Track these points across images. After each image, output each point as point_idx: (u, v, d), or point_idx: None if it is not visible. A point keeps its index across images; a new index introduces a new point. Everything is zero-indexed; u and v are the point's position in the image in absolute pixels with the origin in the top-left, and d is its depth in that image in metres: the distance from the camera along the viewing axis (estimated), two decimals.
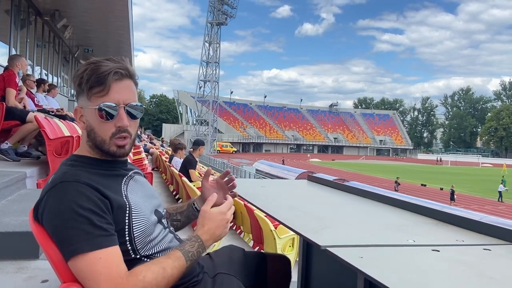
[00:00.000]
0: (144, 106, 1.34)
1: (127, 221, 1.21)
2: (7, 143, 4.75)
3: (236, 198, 5.67)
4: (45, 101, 7.12)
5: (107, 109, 1.22)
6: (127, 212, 1.21)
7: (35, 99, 6.50)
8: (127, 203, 1.22)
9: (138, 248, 1.23)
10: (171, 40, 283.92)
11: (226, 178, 1.62)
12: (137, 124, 1.32)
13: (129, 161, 1.42)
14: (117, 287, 1.07)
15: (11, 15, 9.19)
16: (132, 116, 1.27)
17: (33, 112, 5.06)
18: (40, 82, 7.33)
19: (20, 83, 5.48)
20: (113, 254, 1.11)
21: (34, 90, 6.72)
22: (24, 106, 5.30)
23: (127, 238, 1.20)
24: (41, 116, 4.82)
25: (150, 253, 1.26)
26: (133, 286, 1.08)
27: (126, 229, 1.20)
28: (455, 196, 26.79)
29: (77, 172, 1.19)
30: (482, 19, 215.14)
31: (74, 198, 1.12)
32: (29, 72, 9.73)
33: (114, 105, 1.23)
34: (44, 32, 12.24)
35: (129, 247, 1.21)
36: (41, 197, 1.18)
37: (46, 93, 7.58)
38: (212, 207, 1.34)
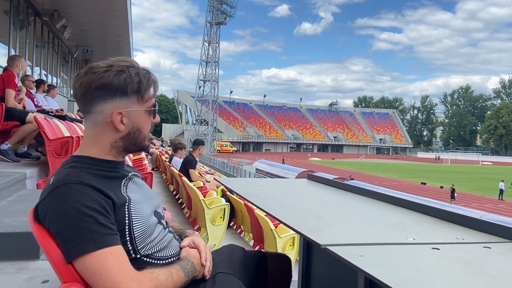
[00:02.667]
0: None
1: (127, 221, 1.21)
2: (6, 144, 4.75)
3: (236, 198, 5.62)
4: (44, 101, 7.11)
5: (156, 109, 1.37)
6: (127, 212, 1.22)
7: (35, 99, 6.50)
8: (127, 204, 1.23)
9: (138, 248, 1.24)
10: (170, 40, 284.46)
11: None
12: None
13: (128, 162, 1.44)
14: (134, 279, 1.10)
15: (10, 16, 9.19)
16: None
17: (33, 112, 5.06)
18: (39, 83, 7.33)
19: (20, 84, 5.48)
20: (121, 251, 1.14)
21: (33, 91, 6.72)
22: (24, 107, 5.30)
23: (127, 238, 1.21)
24: (40, 116, 4.81)
25: (150, 252, 1.27)
26: (149, 280, 1.12)
27: (127, 229, 1.21)
28: (455, 194, 26.82)
29: (80, 174, 1.20)
30: (480, 17, 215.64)
31: (78, 198, 1.12)
32: (29, 72, 9.74)
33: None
34: (43, 33, 12.23)
35: (130, 247, 1.22)
36: (42, 198, 1.18)
37: (46, 93, 7.58)
38: None
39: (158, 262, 1.27)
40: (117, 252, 1.12)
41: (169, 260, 1.32)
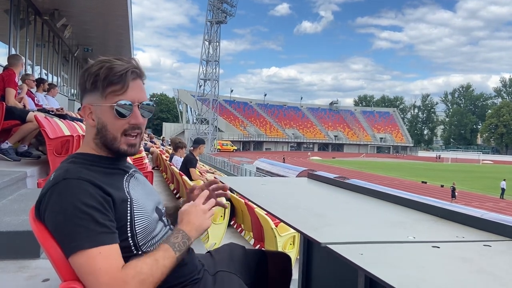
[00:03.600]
0: (154, 106, 1.36)
1: (129, 217, 1.21)
2: (7, 143, 4.75)
3: (236, 196, 5.60)
4: (45, 100, 7.12)
5: (124, 107, 1.25)
6: (129, 208, 1.22)
7: (35, 98, 6.50)
8: (129, 200, 1.23)
9: (140, 244, 1.24)
10: (170, 39, 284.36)
11: (214, 186, 1.57)
12: (146, 122, 1.34)
13: (128, 159, 1.43)
14: (116, 280, 1.09)
15: (10, 15, 9.18)
16: (144, 115, 1.31)
17: (33, 111, 5.06)
18: (39, 82, 7.33)
19: (20, 83, 5.48)
20: (112, 250, 1.13)
21: (34, 90, 6.72)
22: (24, 106, 5.30)
23: (129, 234, 1.21)
24: (41, 115, 4.82)
25: (152, 249, 1.26)
26: (131, 278, 1.10)
27: (128, 225, 1.21)
28: (456, 193, 26.77)
29: (79, 170, 1.20)
30: (480, 16, 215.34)
31: (76, 195, 1.12)
32: (29, 71, 9.74)
33: (130, 103, 1.26)
34: (44, 32, 12.23)
35: (131, 243, 1.22)
36: (42, 194, 1.19)
37: (46, 92, 7.58)
38: None
39: None
40: (107, 252, 1.11)
41: None
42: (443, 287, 0.79)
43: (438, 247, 1.05)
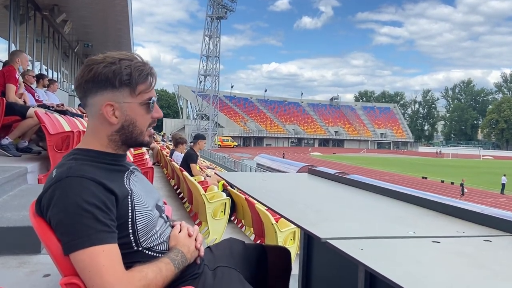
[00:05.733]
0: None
1: (130, 213, 1.22)
2: (7, 139, 4.75)
3: (237, 192, 5.62)
4: (45, 96, 7.11)
5: (153, 103, 1.32)
6: (130, 204, 1.23)
7: (35, 94, 6.49)
8: (130, 196, 1.24)
9: (140, 240, 1.24)
10: (170, 34, 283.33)
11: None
12: None
13: (129, 155, 1.44)
14: (121, 280, 1.10)
15: (10, 11, 9.16)
16: None
17: (34, 107, 5.06)
18: (39, 77, 7.32)
19: (20, 79, 5.47)
20: (114, 250, 1.13)
21: (34, 86, 6.71)
22: (25, 102, 5.30)
23: (130, 230, 1.22)
24: (41, 111, 4.81)
25: (152, 245, 1.28)
26: (138, 280, 1.12)
27: (130, 221, 1.21)
28: (465, 190, 26.52)
29: (82, 167, 1.20)
30: (481, 11, 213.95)
31: (79, 193, 1.13)
32: (29, 67, 9.72)
33: (155, 99, 1.33)
34: (44, 27, 12.19)
35: (132, 239, 1.22)
36: (44, 190, 1.19)
37: (46, 88, 7.58)
38: None
39: (159, 255, 1.28)
40: (110, 251, 1.12)
41: None
42: (443, 282, 0.79)
43: (439, 242, 1.05)
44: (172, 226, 1.43)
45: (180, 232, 1.38)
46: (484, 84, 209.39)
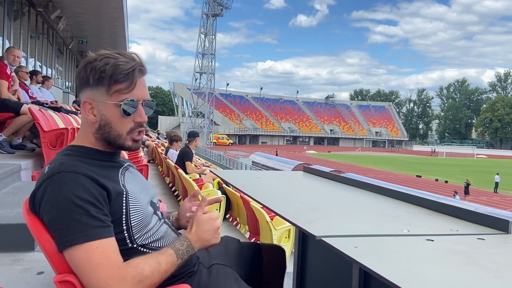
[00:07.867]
0: (155, 102, 1.36)
1: (124, 210, 1.21)
2: (1, 136, 4.72)
3: (232, 190, 5.61)
4: (39, 93, 7.07)
5: (130, 105, 1.24)
6: (125, 201, 1.22)
7: (29, 91, 6.45)
8: (124, 193, 1.23)
9: (135, 237, 1.23)
10: (165, 31, 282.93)
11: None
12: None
13: (124, 153, 1.43)
14: (115, 277, 1.09)
15: (4, 6, 9.09)
16: (147, 112, 1.31)
17: (27, 104, 5.02)
18: (33, 74, 7.27)
19: (14, 75, 5.43)
20: (110, 245, 1.12)
21: (28, 82, 6.67)
22: (18, 98, 5.26)
23: (124, 227, 1.21)
24: (35, 108, 4.78)
25: (147, 242, 1.27)
26: (132, 277, 1.10)
27: (124, 218, 1.21)
28: (469, 190, 26.30)
29: (75, 163, 1.19)
30: (475, 11, 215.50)
31: (72, 188, 1.12)
32: (23, 63, 9.65)
33: (136, 101, 1.25)
34: (38, 24, 12.12)
35: (126, 236, 1.22)
36: (37, 187, 1.18)
37: (41, 84, 7.53)
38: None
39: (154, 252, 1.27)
40: (104, 246, 1.10)
41: None
42: (437, 279, 0.79)
43: (432, 240, 1.05)
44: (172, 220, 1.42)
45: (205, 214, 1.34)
46: (478, 83, 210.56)
